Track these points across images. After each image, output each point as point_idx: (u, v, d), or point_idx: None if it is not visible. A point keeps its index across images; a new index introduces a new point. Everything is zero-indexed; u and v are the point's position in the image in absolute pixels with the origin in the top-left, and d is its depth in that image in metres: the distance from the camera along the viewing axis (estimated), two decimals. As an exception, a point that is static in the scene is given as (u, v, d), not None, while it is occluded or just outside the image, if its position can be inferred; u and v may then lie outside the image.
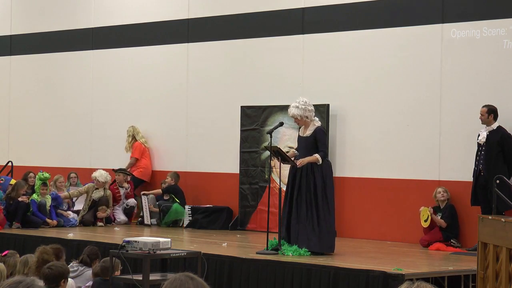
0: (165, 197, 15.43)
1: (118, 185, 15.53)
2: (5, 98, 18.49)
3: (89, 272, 9.16)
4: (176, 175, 15.46)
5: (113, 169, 15.69)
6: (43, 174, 14.53)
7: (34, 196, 14.43)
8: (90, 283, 8.78)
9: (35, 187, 14.57)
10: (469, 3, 12.79)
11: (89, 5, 17.19)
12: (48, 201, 14.57)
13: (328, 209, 11.17)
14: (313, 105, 11.47)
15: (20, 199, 14.27)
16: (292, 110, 11.28)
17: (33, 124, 17.94)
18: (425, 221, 12.54)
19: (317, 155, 11.18)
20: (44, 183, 14.49)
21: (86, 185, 15.32)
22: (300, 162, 11.22)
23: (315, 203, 11.15)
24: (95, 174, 15.23)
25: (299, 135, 11.50)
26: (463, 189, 12.38)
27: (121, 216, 15.45)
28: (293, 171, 11.40)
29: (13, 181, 15.32)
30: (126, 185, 15.56)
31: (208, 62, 15.45)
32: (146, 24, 16.31)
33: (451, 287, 10.02)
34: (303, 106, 11.21)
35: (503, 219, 8.68)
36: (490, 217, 9.14)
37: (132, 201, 15.53)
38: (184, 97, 15.77)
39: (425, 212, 12.50)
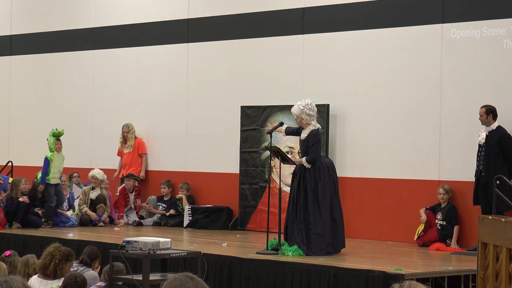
0: (165, 198, 15.54)
1: (128, 190, 15.53)
2: (5, 98, 18.49)
3: (89, 272, 9.15)
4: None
5: (122, 176, 15.71)
6: (56, 130, 14.48)
7: (48, 154, 14.38)
8: (101, 283, 8.77)
9: (49, 144, 14.46)
10: (469, 3, 12.79)
11: (89, 5, 17.19)
12: (61, 160, 14.48)
13: (319, 212, 11.14)
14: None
15: (20, 199, 14.26)
16: (293, 108, 11.37)
17: (33, 124, 17.94)
18: (417, 234, 12.68)
19: (303, 159, 11.25)
20: (57, 138, 14.48)
21: (83, 190, 15.31)
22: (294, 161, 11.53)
23: (305, 207, 11.15)
24: (93, 173, 15.24)
25: (299, 138, 11.53)
26: (463, 189, 12.39)
27: (132, 218, 15.45)
28: (294, 173, 11.46)
29: (11, 180, 15.32)
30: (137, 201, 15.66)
31: (208, 62, 15.45)
32: (146, 24, 16.31)
33: (451, 287, 10.02)
34: (301, 107, 11.24)
35: (503, 219, 8.68)
36: (490, 217, 9.15)
37: (134, 221, 15.48)
38: (184, 97, 15.77)
39: (421, 228, 12.65)
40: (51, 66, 17.75)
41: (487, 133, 11.97)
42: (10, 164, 16.55)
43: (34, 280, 8.20)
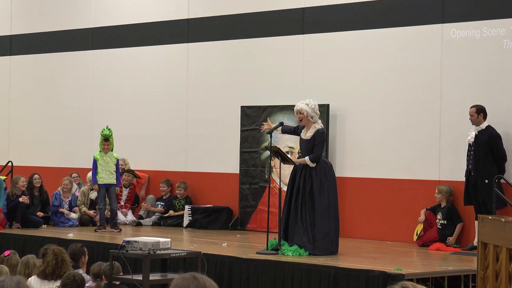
0: (164, 197, 15.56)
1: (123, 185, 15.49)
2: (5, 98, 18.49)
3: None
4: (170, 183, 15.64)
5: (123, 169, 15.63)
6: (104, 129, 14.12)
7: (96, 155, 14.18)
8: (90, 283, 8.74)
9: (99, 144, 14.17)
10: (469, 3, 12.79)
11: (89, 5, 17.19)
12: (113, 159, 14.10)
13: (327, 211, 11.15)
14: (313, 105, 11.51)
15: (21, 199, 14.26)
16: (301, 105, 11.29)
17: (33, 124, 17.94)
18: (417, 234, 12.69)
19: (306, 158, 11.24)
20: (106, 139, 14.12)
21: (81, 190, 15.24)
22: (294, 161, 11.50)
23: (311, 206, 11.14)
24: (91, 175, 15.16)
25: (300, 137, 11.51)
26: (463, 189, 12.37)
27: (129, 217, 15.45)
28: (293, 173, 11.44)
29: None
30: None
31: (208, 62, 15.45)
32: (146, 24, 16.31)
33: (451, 287, 10.02)
34: (312, 106, 11.28)
35: (503, 219, 8.68)
36: (490, 217, 9.14)
37: (132, 220, 15.44)
38: (184, 97, 15.78)
39: (419, 228, 12.66)
40: (51, 66, 17.75)
41: (477, 133, 11.99)
42: (10, 164, 16.54)
43: (33, 280, 8.19)
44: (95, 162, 14.14)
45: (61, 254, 8.38)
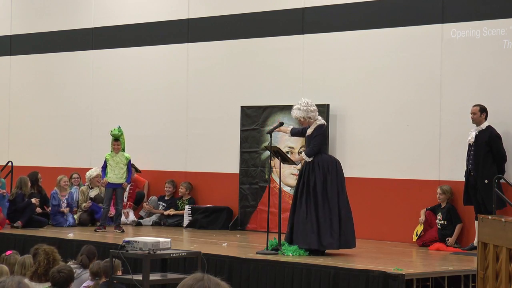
0: (167, 198, 15.54)
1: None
2: (5, 98, 18.49)
3: (86, 275, 9.07)
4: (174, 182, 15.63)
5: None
6: (113, 129, 14.06)
7: (107, 155, 14.16)
8: (88, 283, 8.74)
9: (110, 142, 14.14)
10: (469, 3, 12.79)
11: (89, 5, 17.19)
12: (123, 160, 14.05)
13: (329, 207, 11.13)
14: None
15: (33, 200, 14.31)
16: (294, 113, 11.31)
17: (33, 124, 17.94)
18: (416, 235, 12.68)
19: (302, 154, 11.26)
20: (115, 139, 14.06)
21: (80, 190, 15.23)
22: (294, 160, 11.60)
23: (314, 201, 11.12)
24: (92, 173, 15.14)
25: (305, 135, 11.53)
26: (463, 189, 12.37)
27: (130, 217, 15.43)
28: (301, 170, 11.43)
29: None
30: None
31: (208, 62, 15.45)
32: (146, 24, 16.31)
33: (451, 287, 10.02)
34: (304, 108, 11.22)
35: (503, 219, 8.68)
36: (490, 217, 9.14)
37: (132, 220, 15.43)
38: (184, 97, 15.78)
39: (419, 229, 12.66)
40: (51, 66, 17.75)
41: (477, 133, 11.99)
42: (10, 164, 16.54)
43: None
44: (105, 162, 14.14)
45: (53, 254, 8.38)
